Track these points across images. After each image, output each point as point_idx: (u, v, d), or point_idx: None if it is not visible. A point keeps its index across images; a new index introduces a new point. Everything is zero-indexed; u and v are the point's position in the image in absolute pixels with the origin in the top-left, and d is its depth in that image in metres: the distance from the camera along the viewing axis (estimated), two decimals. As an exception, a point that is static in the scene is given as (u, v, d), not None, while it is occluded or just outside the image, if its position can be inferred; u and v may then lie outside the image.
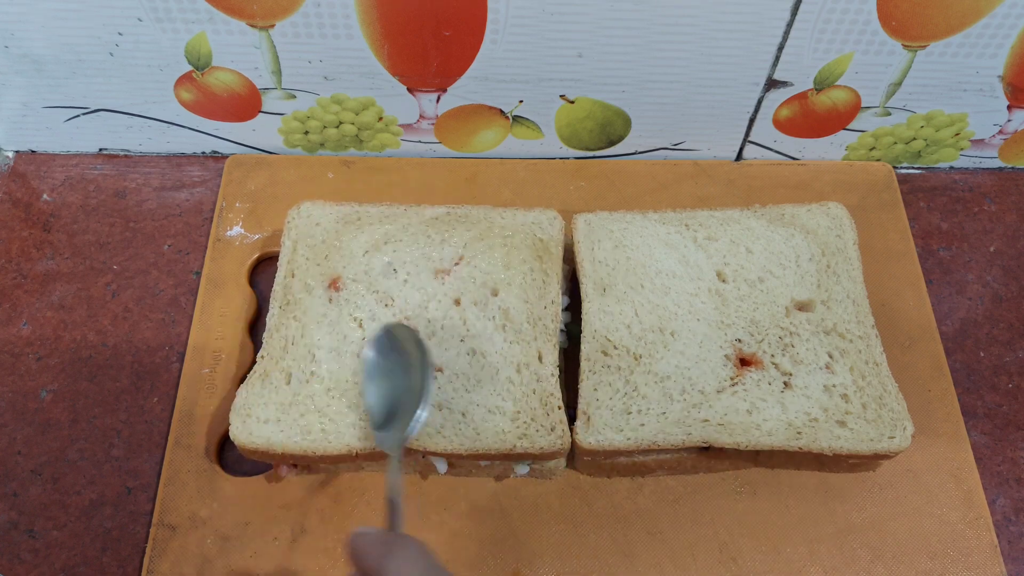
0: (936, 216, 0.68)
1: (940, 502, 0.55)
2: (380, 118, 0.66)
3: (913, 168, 0.71)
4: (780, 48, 0.59)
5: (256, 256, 0.64)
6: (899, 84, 0.62)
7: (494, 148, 0.69)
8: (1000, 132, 0.67)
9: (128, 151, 0.70)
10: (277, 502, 0.55)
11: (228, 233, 0.65)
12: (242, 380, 0.55)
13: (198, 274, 0.64)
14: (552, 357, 0.54)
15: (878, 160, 0.70)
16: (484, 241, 0.58)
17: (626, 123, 0.67)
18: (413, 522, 0.54)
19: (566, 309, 0.59)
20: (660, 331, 0.55)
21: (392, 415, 0.50)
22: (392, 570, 0.38)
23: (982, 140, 0.68)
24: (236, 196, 0.66)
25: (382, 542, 0.40)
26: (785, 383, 0.54)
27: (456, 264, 0.58)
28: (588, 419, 0.52)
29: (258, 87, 0.63)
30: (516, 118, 0.66)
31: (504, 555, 0.53)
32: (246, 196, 0.66)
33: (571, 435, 0.52)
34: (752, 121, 0.66)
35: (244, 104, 0.65)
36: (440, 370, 0.54)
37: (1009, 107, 0.65)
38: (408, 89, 0.63)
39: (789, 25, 0.57)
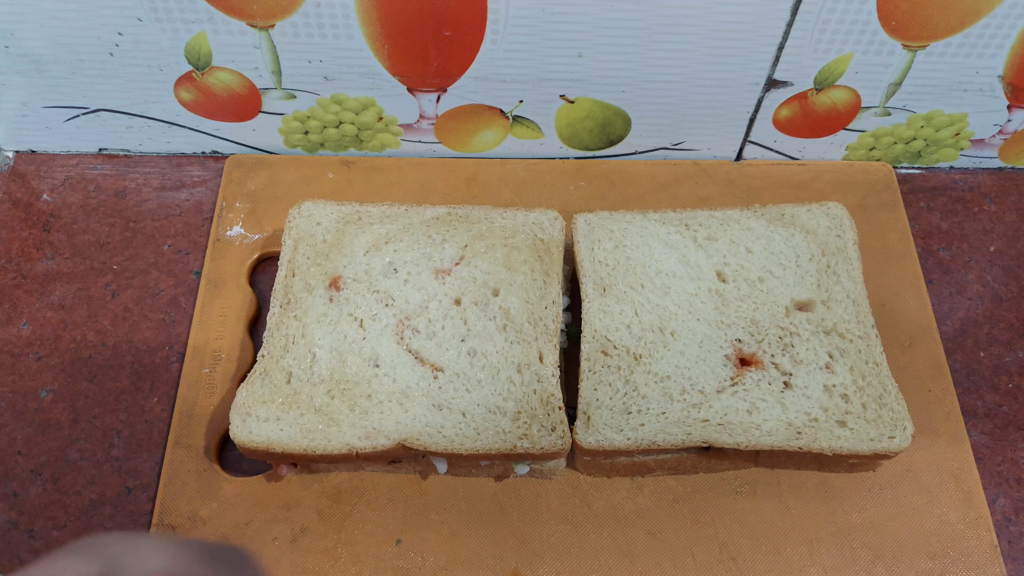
0: (936, 216, 0.68)
1: (940, 502, 0.55)
2: (380, 118, 0.66)
3: (913, 168, 0.71)
4: (780, 48, 0.59)
5: (256, 256, 0.64)
6: (899, 84, 0.62)
7: (494, 148, 0.69)
8: (1000, 132, 0.67)
9: (128, 151, 0.70)
10: (277, 502, 0.55)
11: (228, 233, 0.65)
12: (242, 380, 0.55)
13: (198, 274, 0.64)
14: (553, 357, 0.54)
15: (878, 160, 0.70)
16: (485, 241, 0.58)
17: (626, 123, 0.67)
18: (415, 521, 0.54)
19: (566, 309, 0.59)
20: (660, 331, 0.55)
21: None
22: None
23: (982, 140, 0.68)
24: (236, 196, 0.66)
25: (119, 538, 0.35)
26: (785, 383, 0.54)
27: (456, 264, 0.58)
28: (588, 419, 0.52)
29: (258, 87, 0.63)
30: (516, 118, 0.66)
31: (504, 555, 0.53)
32: (246, 196, 0.66)
33: (571, 435, 0.52)
34: (752, 121, 0.66)
35: (244, 104, 0.65)
36: (441, 370, 0.54)
37: (1009, 107, 0.65)
38: (408, 89, 0.63)
39: (789, 25, 0.57)
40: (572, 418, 0.53)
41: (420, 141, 0.68)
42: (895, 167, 0.70)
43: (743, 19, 0.57)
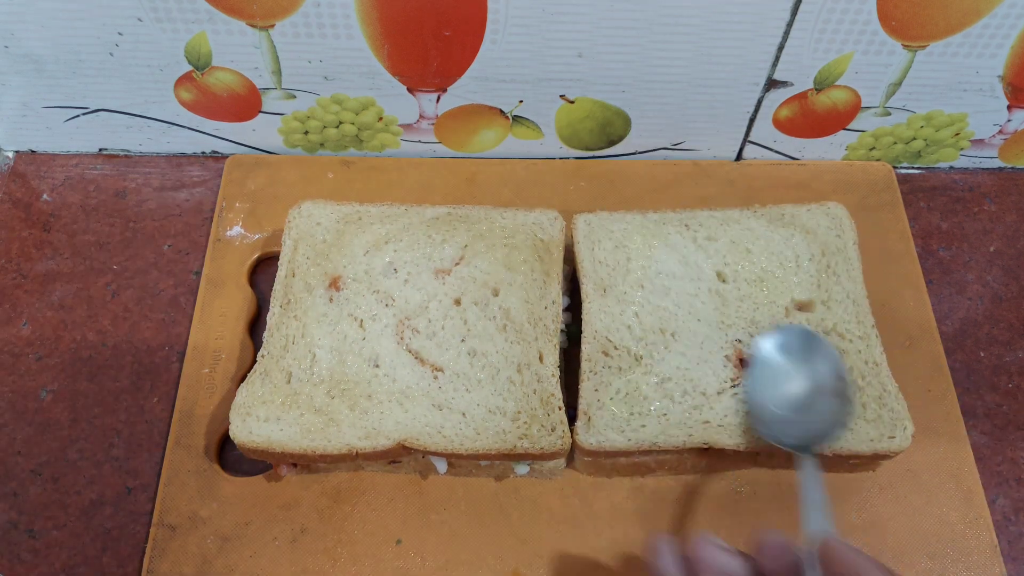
0: (936, 216, 0.68)
1: (940, 502, 0.55)
2: (380, 118, 0.66)
3: (913, 168, 0.71)
4: (780, 48, 0.59)
5: (256, 256, 0.64)
6: (899, 84, 0.62)
7: (494, 148, 0.69)
8: (1000, 132, 0.67)
9: (128, 151, 0.70)
10: (277, 502, 0.55)
11: (228, 233, 0.65)
12: (242, 380, 0.55)
13: (198, 274, 0.64)
14: (553, 357, 0.54)
15: (878, 160, 0.70)
16: (485, 241, 0.58)
17: (626, 123, 0.67)
18: (415, 521, 0.54)
19: (566, 310, 0.59)
20: (660, 332, 0.55)
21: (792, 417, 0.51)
22: None
23: (982, 140, 0.68)
24: (236, 196, 0.66)
25: (861, 555, 0.39)
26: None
27: (457, 264, 0.58)
28: (589, 420, 0.52)
29: (258, 87, 0.63)
30: (516, 118, 0.66)
31: (504, 555, 0.53)
32: (246, 196, 0.66)
33: (571, 435, 0.52)
34: (752, 121, 0.66)
35: (244, 104, 0.65)
36: (441, 370, 0.54)
37: (1009, 107, 0.65)
38: (408, 89, 0.63)
39: (789, 25, 0.57)
40: (572, 418, 0.53)
41: (420, 141, 0.68)
42: (895, 167, 0.70)
43: (743, 19, 0.57)
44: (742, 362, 0.54)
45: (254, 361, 0.56)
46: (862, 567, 0.39)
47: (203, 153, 0.70)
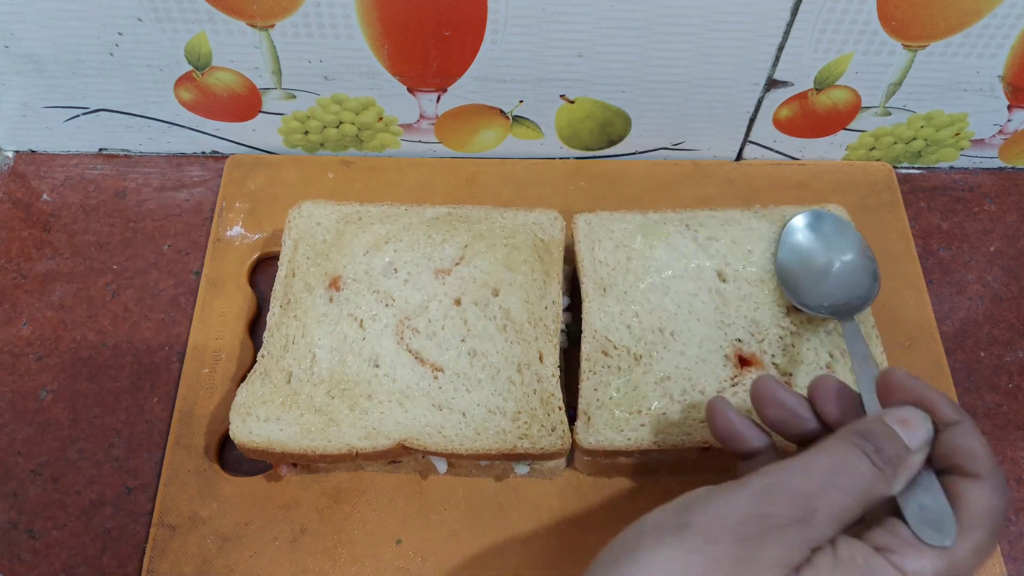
0: (936, 216, 0.68)
1: (940, 502, 0.55)
2: (380, 118, 0.66)
3: (913, 168, 0.71)
4: (780, 48, 0.59)
5: (256, 256, 0.64)
6: (899, 84, 0.62)
7: (494, 148, 0.69)
8: (1000, 132, 0.67)
9: (128, 151, 0.70)
10: (277, 502, 0.55)
11: (228, 233, 0.65)
12: (242, 380, 0.55)
13: (198, 274, 0.64)
14: (553, 357, 0.54)
15: (878, 160, 0.70)
16: (485, 241, 0.58)
17: (626, 123, 0.67)
18: (415, 521, 0.54)
19: (566, 309, 0.59)
20: (660, 331, 0.55)
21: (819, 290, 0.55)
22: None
23: (982, 140, 0.68)
24: (236, 196, 0.66)
25: (922, 382, 0.39)
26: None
27: (457, 264, 0.58)
28: (588, 419, 0.52)
29: (258, 87, 0.63)
30: (516, 118, 0.66)
31: (504, 555, 0.53)
32: (246, 196, 0.66)
33: (571, 435, 0.52)
34: (752, 121, 0.66)
35: (244, 104, 0.65)
36: (441, 370, 0.54)
37: (1009, 107, 0.65)
38: (408, 89, 0.63)
39: (789, 25, 0.57)
40: (572, 418, 0.53)
41: (420, 141, 0.68)
42: (895, 167, 0.70)
43: (743, 19, 0.57)
44: (742, 361, 0.54)
45: (254, 361, 0.56)
46: (923, 392, 0.39)
47: (203, 153, 0.70)
